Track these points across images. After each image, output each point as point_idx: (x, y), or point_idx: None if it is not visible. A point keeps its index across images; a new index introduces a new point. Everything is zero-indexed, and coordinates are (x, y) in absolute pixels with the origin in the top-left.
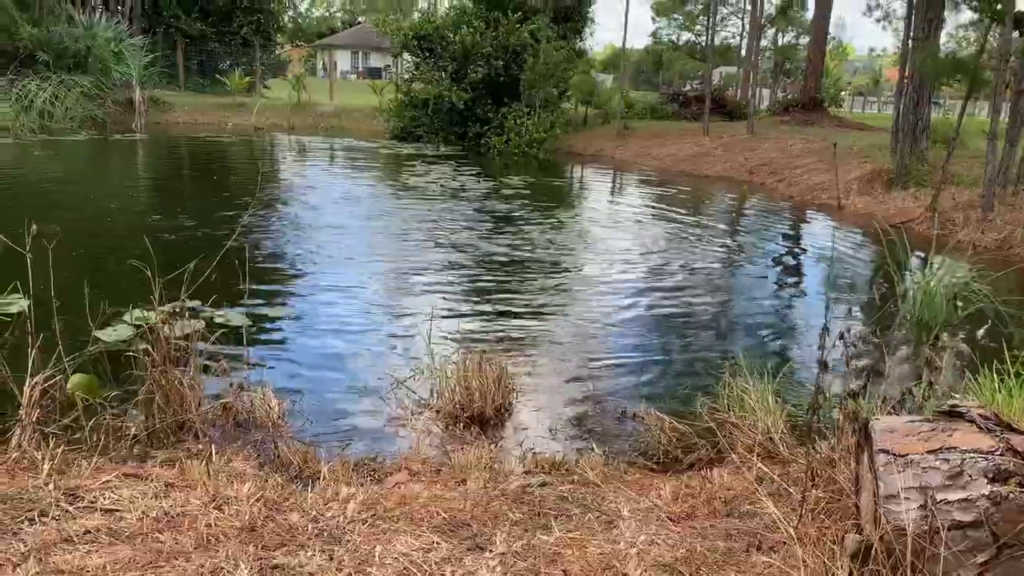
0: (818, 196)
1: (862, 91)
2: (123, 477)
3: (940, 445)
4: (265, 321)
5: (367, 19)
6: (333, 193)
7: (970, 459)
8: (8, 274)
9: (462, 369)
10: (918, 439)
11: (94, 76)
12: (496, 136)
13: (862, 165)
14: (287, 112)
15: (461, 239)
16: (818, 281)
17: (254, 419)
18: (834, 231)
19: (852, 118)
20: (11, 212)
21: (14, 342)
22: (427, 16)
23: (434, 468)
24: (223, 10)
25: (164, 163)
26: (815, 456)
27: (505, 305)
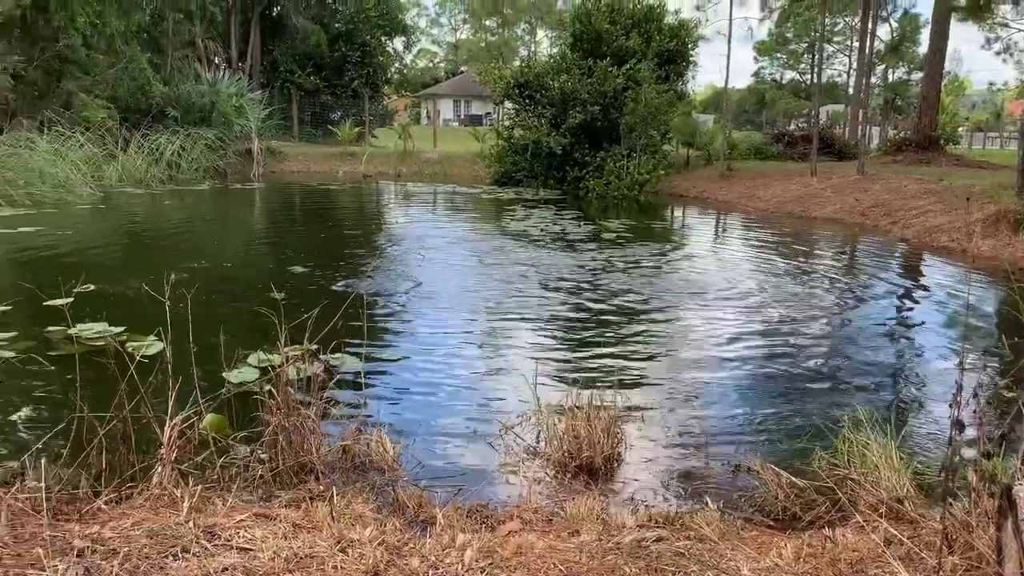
0: (937, 238)
1: (981, 127)
2: (255, 517)
3: None
4: (376, 364)
5: (469, 69)
6: (437, 237)
7: None
8: (143, 317)
9: (570, 417)
10: None
11: (217, 129)
12: (595, 179)
13: (985, 206)
14: (393, 160)
15: (563, 283)
16: (940, 329)
17: (371, 461)
18: (959, 276)
19: (971, 156)
20: (147, 259)
21: (156, 385)
22: (527, 64)
23: (546, 517)
24: (335, 65)
25: (281, 210)
26: (950, 519)
27: (609, 351)
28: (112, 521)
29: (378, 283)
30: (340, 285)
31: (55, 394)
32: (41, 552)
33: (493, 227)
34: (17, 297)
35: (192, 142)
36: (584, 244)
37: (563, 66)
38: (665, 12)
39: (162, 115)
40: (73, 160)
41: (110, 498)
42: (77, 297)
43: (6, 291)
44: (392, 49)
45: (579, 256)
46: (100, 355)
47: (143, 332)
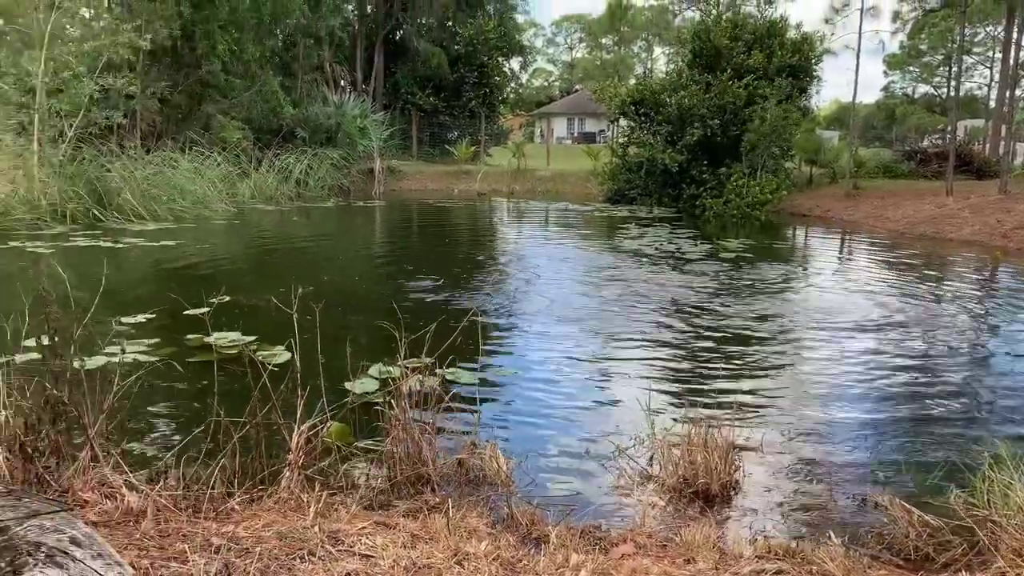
0: None
1: None
2: (375, 525)
3: None
4: (491, 380)
5: (584, 86)
6: (550, 255)
7: None
8: (273, 328)
9: (686, 442)
10: None
11: (342, 149)
12: (713, 198)
13: None
14: (507, 178)
15: (679, 304)
16: None
17: (484, 476)
18: None
19: None
20: (276, 272)
21: (285, 394)
22: (642, 82)
23: (660, 543)
24: (453, 85)
25: (400, 227)
26: None
27: (726, 375)
28: (245, 521)
29: (492, 300)
30: (456, 301)
31: (194, 398)
32: (185, 547)
33: (606, 245)
34: (162, 306)
35: (319, 161)
36: (701, 264)
37: (680, 82)
38: (787, 26)
39: (291, 135)
40: (210, 178)
41: (243, 499)
42: (214, 307)
43: (152, 300)
44: (508, 69)
45: (695, 277)
46: (234, 363)
47: (273, 342)
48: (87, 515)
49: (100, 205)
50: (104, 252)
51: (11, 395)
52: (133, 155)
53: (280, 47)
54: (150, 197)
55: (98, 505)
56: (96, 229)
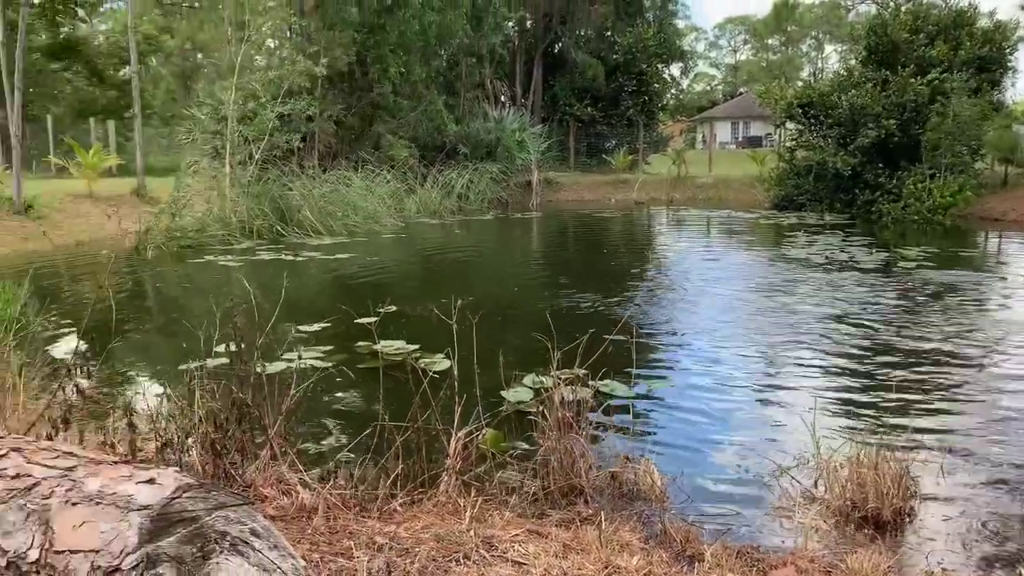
0: None
1: None
2: (528, 532)
3: None
4: (647, 393)
5: (749, 89)
6: (710, 265)
7: None
8: (435, 337)
9: (855, 463)
10: None
11: (501, 163)
12: (890, 203)
13: None
14: (666, 186)
15: (850, 316)
16: None
17: (638, 490)
18: None
19: None
20: (439, 283)
21: (444, 400)
22: (810, 84)
23: (823, 568)
24: (611, 95)
25: (556, 238)
26: None
27: (903, 396)
28: (406, 522)
29: (649, 311)
30: (611, 312)
31: (362, 403)
32: (351, 544)
33: (771, 254)
34: (335, 315)
35: (479, 176)
36: (875, 274)
37: (852, 81)
38: (977, 15)
39: (454, 152)
40: (380, 194)
41: (404, 500)
42: (382, 316)
43: (326, 310)
44: (668, 76)
45: (870, 288)
46: (398, 369)
47: (434, 350)
48: (266, 509)
49: (282, 221)
50: (285, 265)
51: (203, 397)
52: (311, 174)
53: (444, 67)
54: (326, 213)
55: (276, 501)
56: (279, 244)
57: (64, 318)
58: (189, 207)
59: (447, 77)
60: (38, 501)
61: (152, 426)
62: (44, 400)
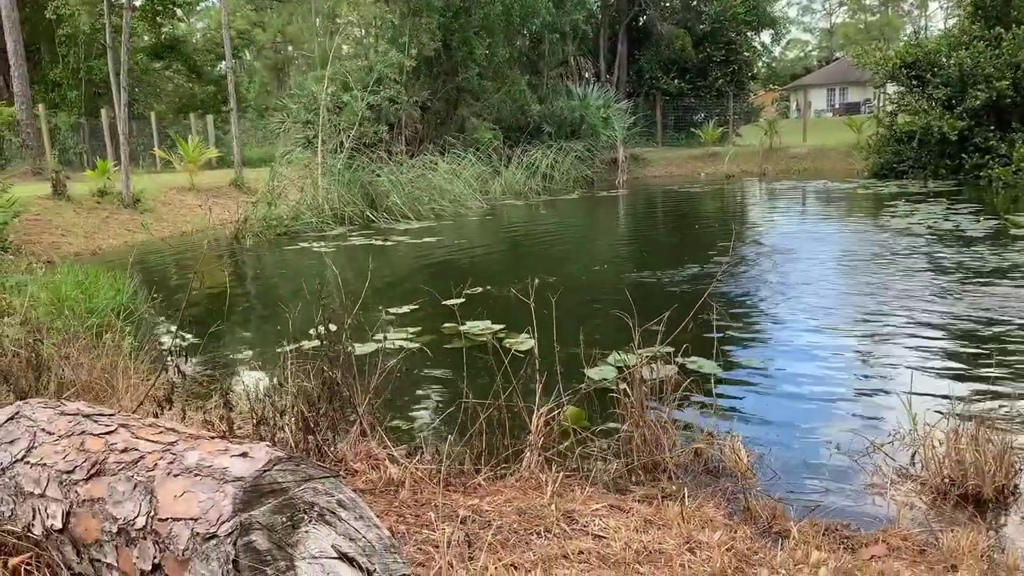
0: None
1: None
2: (609, 507)
3: None
4: (734, 369)
5: (845, 53)
6: (804, 238)
7: None
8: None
9: (953, 439)
10: None
11: (585, 141)
12: (1002, 167)
13: None
14: (758, 157)
15: (952, 289)
16: None
17: (723, 467)
18: None
19: None
20: (524, 263)
21: (525, 379)
22: (915, 41)
23: (917, 547)
24: (699, 66)
25: (643, 214)
26: None
27: (1007, 372)
28: (489, 496)
29: (740, 286)
30: (700, 288)
31: (448, 381)
32: (433, 516)
33: (869, 225)
34: (423, 297)
35: (563, 155)
36: (983, 244)
37: (961, 40)
38: None
39: (538, 131)
40: (465, 177)
41: (488, 475)
42: (467, 298)
43: (415, 292)
44: (759, 43)
45: (975, 258)
46: (483, 349)
47: (519, 329)
48: (356, 483)
49: (372, 207)
50: (375, 250)
51: (298, 376)
52: (399, 160)
53: (527, 46)
54: (414, 198)
55: (365, 475)
56: (369, 229)
57: (169, 306)
58: (284, 196)
59: (530, 56)
60: (144, 473)
61: (249, 405)
62: (150, 381)
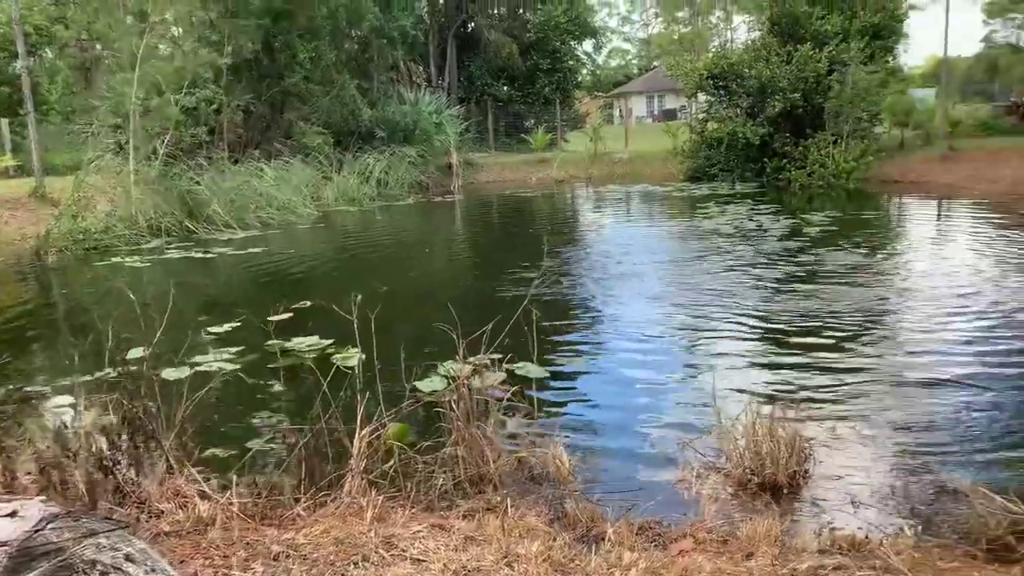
0: None
1: None
2: (431, 528)
3: None
4: (560, 373)
5: (661, 63)
6: (624, 240)
7: None
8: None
9: (751, 431)
10: None
11: (419, 146)
12: (797, 170)
13: None
14: (585, 163)
15: (756, 285)
16: None
17: (547, 473)
18: None
19: None
20: (357, 273)
21: (345, 400)
22: (721, 54)
23: (720, 538)
24: (527, 73)
25: (479, 219)
26: None
27: (805, 359)
28: (306, 528)
29: (569, 289)
30: (526, 293)
31: (271, 405)
32: (247, 555)
33: (684, 227)
34: (247, 313)
35: (397, 160)
36: (781, 242)
37: (762, 53)
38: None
39: (370, 136)
40: (295, 184)
41: (308, 505)
42: (295, 312)
43: (238, 308)
44: (582, 52)
45: (773, 256)
46: (311, 367)
47: (351, 344)
48: (160, 526)
49: (191, 218)
50: (196, 263)
51: (97, 410)
52: (221, 167)
53: (356, 50)
54: (238, 207)
55: (172, 515)
56: (189, 241)
57: None
58: (91, 207)
59: (359, 60)
60: None
61: (32, 448)
62: None
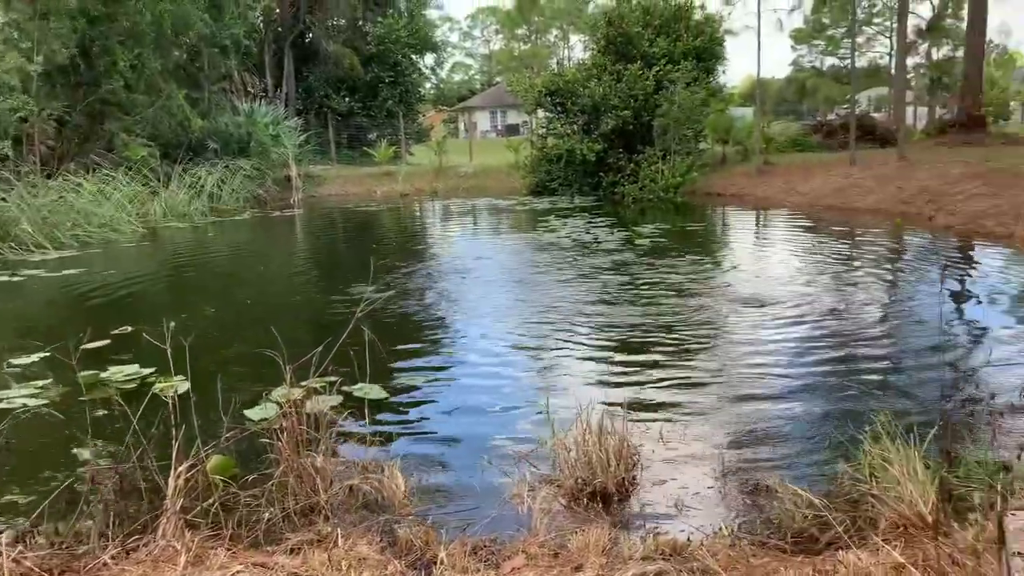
0: (983, 225)
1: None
2: (251, 567)
3: None
4: (398, 393)
5: (504, 79)
6: (469, 254)
7: None
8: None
9: (582, 441)
10: None
11: (255, 158)
12: (630, 184)
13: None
14: (429, 176)
15: (592, 297)
16: (990, 324)
17: (382, 498)
18: (1007, 264)
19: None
20: (186, 295)
21: (156, 437)
22: (557, 72)
23: (552, 551)
24: (369, 86)
25: (320, 235)
26: (948, 545)
27: (637, 369)
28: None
29: (411, 305)
30: (373, 310)
31: (79, 441)
32: None
33: (525, 240)
34: (58, 342)
35: (231, 173)
36: (615, 254)
37: (594, 72)
38: (693, 9)
39: (202, 148)
40: (117, 199)
41: (116, 552)
42: (114, 339)
43: (48, 336)
44: (424, 66)
45: (609, 268)
46: (128, 399)
47: (176, 371)
48: None
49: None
50: (1, 288)
51: None
52: (31, 181)
53: (184, 59)
54: (51, 224)
55: None
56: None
57: None
58: None
59: (188, 70)
60: None
61: None
62: None
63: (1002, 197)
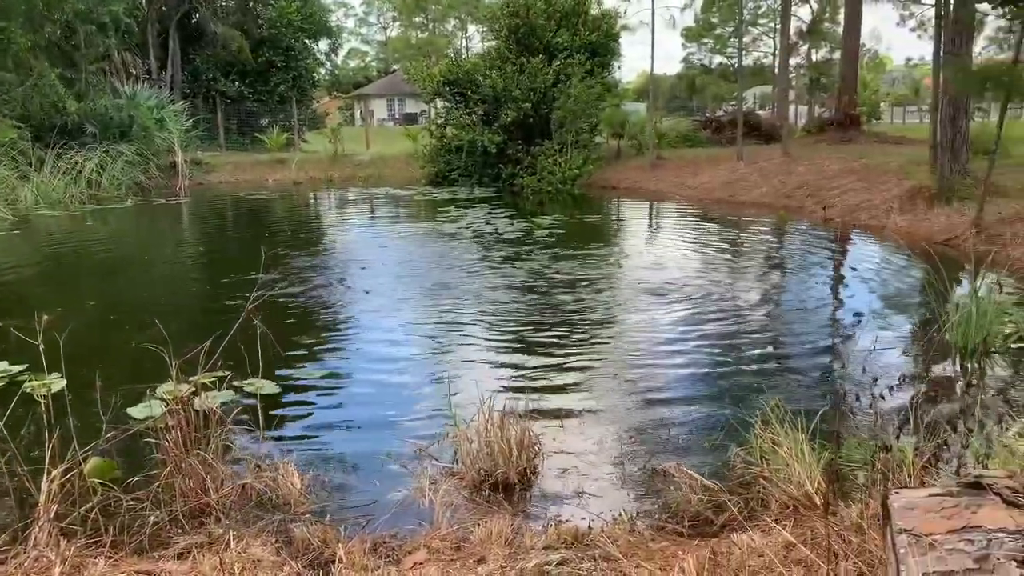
0: (858, 217)
1: (902, 102)
2: (135, 575)
3: (964, 524)
4: (296, 386)
5: (401, 67)
6: (364, 246)
7: (996, 540)
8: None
9: (484, 432)
10: (940, 516)
11: (137, 144)
12: (529, 176)
13: (902, 182)
14: (325, 164)
15: (492, 287)
16: (864, 309)
17: (277, 497)
18: (879, 254)
19: (892, 131)
20: (63, 286)
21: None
22: (456, 61)
23: (454, 545)
24: (259, 70)
25: (206, 223)
26: (835, 524)
27: (539, 358)
28: None
29: (308, 298)
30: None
31: None
32: None
33: (425, 230)
34: None
35: (111, 159)
36: (514, 245)
37: (496, 62)
38: (590, 4)
39: (79, 132)
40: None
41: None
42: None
43: None
44: (318, 52)
45: (510, 259)
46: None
47: (49, 368)
48: None
49: None
50: None
51: None
52: None
53: (58, 35)
54: None
55: None
56: None
57: None
58: None
59: (63, 47)
60: None
61: None
62: None
63: (874, 192)
